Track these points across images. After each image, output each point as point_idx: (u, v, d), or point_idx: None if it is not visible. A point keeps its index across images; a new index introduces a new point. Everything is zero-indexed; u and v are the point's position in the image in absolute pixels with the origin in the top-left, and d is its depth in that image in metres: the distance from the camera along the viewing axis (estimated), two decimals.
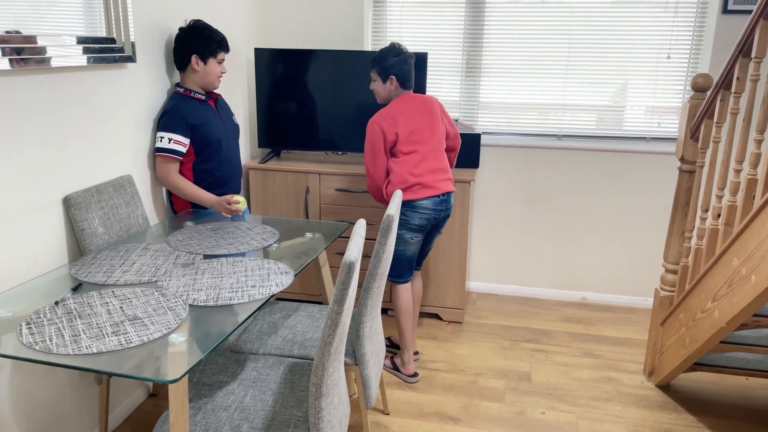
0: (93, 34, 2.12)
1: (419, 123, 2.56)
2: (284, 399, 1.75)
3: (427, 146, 2.57)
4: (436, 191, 2.56)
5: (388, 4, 3.50)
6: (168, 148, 2.43)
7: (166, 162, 2.46)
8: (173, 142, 2.43)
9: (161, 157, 2.45)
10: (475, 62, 3.48)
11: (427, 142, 2.57)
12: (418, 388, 2.67)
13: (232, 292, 1.73)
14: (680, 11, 3.20)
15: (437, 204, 2.57)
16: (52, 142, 1.98)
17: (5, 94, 1.78)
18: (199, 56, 2.48)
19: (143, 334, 1.49)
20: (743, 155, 2.10)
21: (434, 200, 2.56)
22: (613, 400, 2.60)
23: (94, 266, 1.91)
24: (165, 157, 2.45)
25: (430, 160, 2.57)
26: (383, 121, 2.51)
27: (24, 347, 1.42)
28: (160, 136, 2.44)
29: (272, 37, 3.55)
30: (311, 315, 2.31)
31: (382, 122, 2.51)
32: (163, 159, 2.45)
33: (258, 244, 2.16)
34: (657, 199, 3.41)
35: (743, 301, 1.92)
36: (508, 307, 3.52)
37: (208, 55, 2.49)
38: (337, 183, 3.21)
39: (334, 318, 1.47)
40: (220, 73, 2.56)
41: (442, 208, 2.60)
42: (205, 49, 2.48)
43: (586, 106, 3.43)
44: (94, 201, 2.13)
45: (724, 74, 2.19)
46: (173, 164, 2.46)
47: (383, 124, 2.51)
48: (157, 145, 2.45)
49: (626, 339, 3.15)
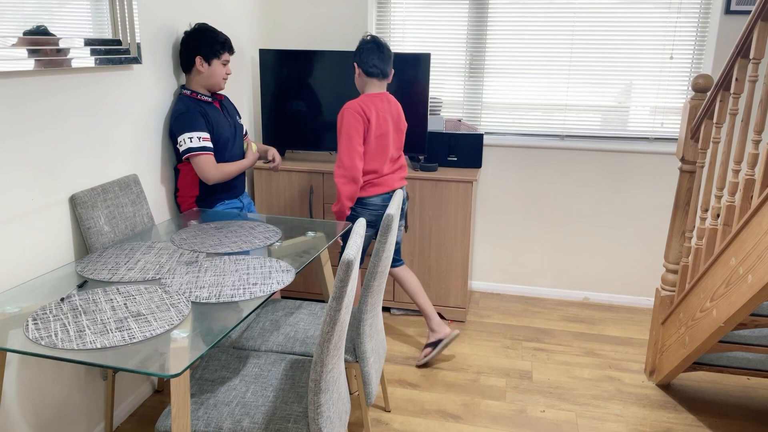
0: (100, 35, 2.16)
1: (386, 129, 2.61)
2: (285, 395, 1.78)
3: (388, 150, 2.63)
4: (387, 188, 2.66)
5: (392, 5, 3.52)
6: (201, 146, 2.46)
7: (205, 158, 2.47)
8: (202, 139, 2.46)
9: (198, 155, 2.46)
10: (478, 62, 3.50)
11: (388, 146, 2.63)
12: (420, 385, 2.70)
13: (233, 289, 1.77)
14: (683, 11, 3.21)
15: (387, 200, 2.66)
16: (59, 142, 2.02)
17: (15, 95, 1.82)
18: (204, 58, 2.52)
19: (146, 330, 1.52)
20: (742, 155, 2.11)
21: (385, 197, 2.66)
22: (613, 399, 2.61)
23: (99, 264, 1.95)
24: (202, 155, 2.47)
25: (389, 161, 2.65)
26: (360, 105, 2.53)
27: (30, 342, 1.46)
28: (188, 137, 2.45)
29: (277, 38, 3.58)
30: (313, 313, 2.34)
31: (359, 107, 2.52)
32: (200, 156, 2.46)
33: (260, 242, 2.19)
34: (660, 199, 3.42)
35: (741, 300, 1.93)
36: (510, 307, 3.54)
37: (212, 56, 2.53)
38: None
39: (332, 315, 1.50)
40: (224, 74, 2.60)
41: None
42: (209, 51, 2.52)
43: (588, 106, 3.44)
44: (100, 200, 2.17)
45: (724, 75, 2.20)
46: (211, 157, 2.49)
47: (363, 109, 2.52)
48: (189, 145, 2.45)
49: (628, 338, 3.16)
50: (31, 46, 1.84)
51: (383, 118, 2.57)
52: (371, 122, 2.51)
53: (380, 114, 2.56)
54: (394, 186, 2.68)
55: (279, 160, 2.88)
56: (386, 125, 2.59)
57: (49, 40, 1.92)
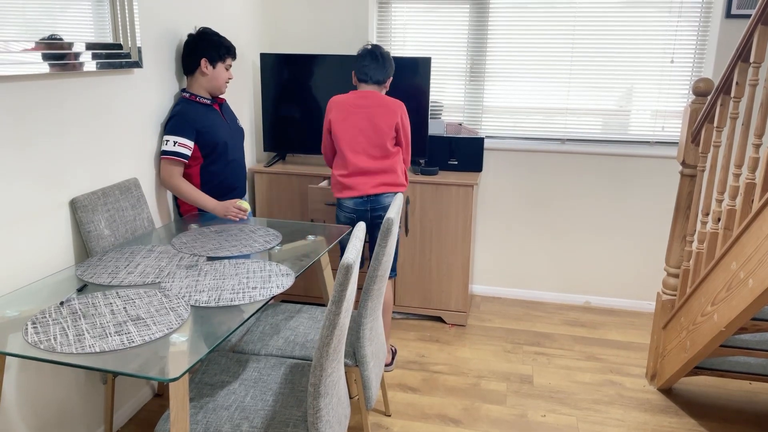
0: (101, 39, 2.16)
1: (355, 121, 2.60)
2: (284, 399, 1.77)
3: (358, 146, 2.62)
4: (359, 192, 2.65)
5: (393, 9, 3.53)
6: (173, 151, 2.47)
7: (170, 164, 2.50)
8: (178, 145, 2.48)
9: (166, 159, 2.49)
10: (479, 66, 3.50)
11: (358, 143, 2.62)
12: (420, 389, 2.69)
13: (233, 293, 1.76)
14: (684, 15, 3.21)
15: (359, 205, 2.67)
16: (60, 146, 2.02)
17: (16, 100, 1.82)
18: (209, 60, 2.54)
19: (145, 334, 1.52)
20: (742, 159, 2.11)
21: (356, 201, 2.67)
22: (614, 404, 2.61)
23: (99, 267, 1.95)
24: (169, 160, 2.49)
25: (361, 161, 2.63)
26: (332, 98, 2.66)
27: (29, 346, 1.46)
28: (166, 140, 2.49)
29: (278, 42, 3.59)
30: (313, 317, 2.34)
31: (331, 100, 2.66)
32: (167, 161, 2.50)
33: (261, 246, 2.19)
34: (661, 203, 3.41)
35: (741, 304, 1.93)
36: (511, 311, 3.53)
37: (217, 59, 2.54)
38: None
39: (332, 319, 1.49)
40: (227, 78, 2.61)
41: (366, 208, 2.67)
42: (215, 54, 2.54)
43: (589, 110, 3.44)
44: (101, 204, 2.17)
45: (724, 79, 2.20)
46: (177, 167, 2.50)
47: (331, 101, 2.65)
48: (163, 148, 2.49)
49: (629, 342, 3.16)
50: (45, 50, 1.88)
51: (349, 111, 2.60)
52: (332, 112, 2.63)
53: (345, 106, 2.61)
54: (368, 191, 2.63)
55: (244, 215, 2.59)
56: (352, 117, 2.59)
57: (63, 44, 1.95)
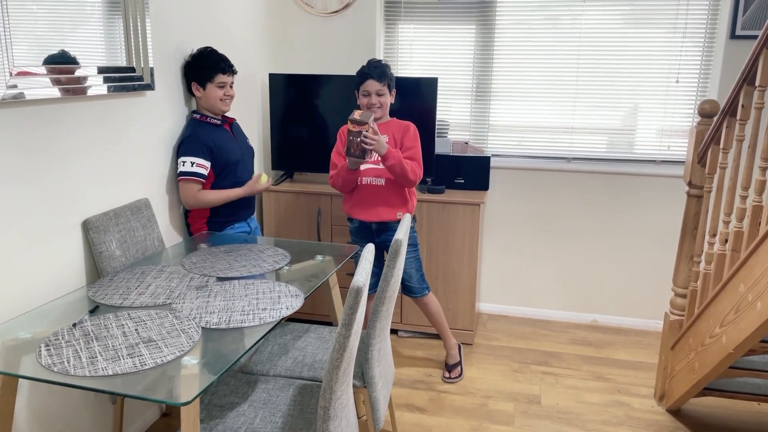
0: (113, 63, 2.20)
1: None
2: (293, 421, 1.78)
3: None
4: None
5: (400, 30, 3.57)
6: (191, 171, 2.51)
7: (189, 184, 2.52)
8: (196, 165, 2.51)
9: (184, 180, 2.52)
10: (485, 86, 3.53)
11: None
12: (427, 410, 2.68)
13: (243, 314, 1.78)
14: (688, 36, 3.24)
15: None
16: (72, 169, 2.05)
17: (30, 123, 1.85)
18: (198, 83, 2.57)
19: (157, 356, 1.53)
20: (749, 181, 2.12)
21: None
22: (623, 425, 2.59)
23: (111, 288, 1.97)
24: (188, 180, 2.52)
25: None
26: None
27: (42, 368, 1.47)
28: (183, 161, 2.52)
29: (287, 62, 3.63)
30: (321, 337, 2.35)
31: None
32: (186, 182, 2.52)
33: (269, 266, 2.21)
34: (667, 222, 3.42)
35: (750, 327, 1.93)
36: (518, 329, 3.53)
37: (205, 80, 2.57)
38: None
39: (342, 342, 1.50)
40: (221, 96, 2.60)
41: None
42: (200, 76, 2.57)
43: (595, 128, 3.46)
44: (112, 224, 2.20)
45: (730, 101, 2.21)
46: (197, 185, 2.54)
47: None
48: (180, 169, 2.52)
49: (637, 362, 3.15)
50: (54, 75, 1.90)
51: None
52: None
53: None
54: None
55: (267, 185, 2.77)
56: None
57: (71, 68, 1.98)
